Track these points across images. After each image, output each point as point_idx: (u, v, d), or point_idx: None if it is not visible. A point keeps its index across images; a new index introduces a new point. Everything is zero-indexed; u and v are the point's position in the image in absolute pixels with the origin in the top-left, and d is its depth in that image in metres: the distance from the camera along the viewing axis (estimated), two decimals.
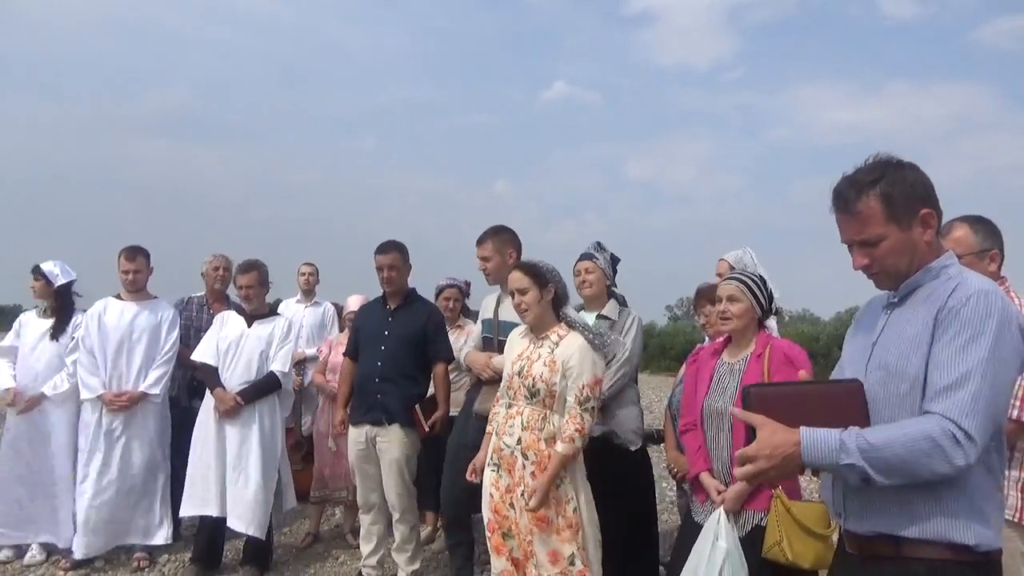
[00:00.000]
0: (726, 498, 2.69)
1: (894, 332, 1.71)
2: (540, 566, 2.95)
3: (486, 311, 3.92)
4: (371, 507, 4.13)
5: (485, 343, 3.85)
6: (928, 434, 1.50)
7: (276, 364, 4.32)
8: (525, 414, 3.02)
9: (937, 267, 1.69)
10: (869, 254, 1.70)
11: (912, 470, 1.52)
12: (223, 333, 4.37)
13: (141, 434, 4.43)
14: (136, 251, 4.58)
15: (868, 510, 1.65)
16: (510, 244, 3.85)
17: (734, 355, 2.90)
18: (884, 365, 1.68)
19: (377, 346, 4.08)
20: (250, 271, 4.37)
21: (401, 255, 4.13)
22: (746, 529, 2.67)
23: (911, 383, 1.61)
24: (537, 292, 3.09)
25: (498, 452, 3.09)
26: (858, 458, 1.52)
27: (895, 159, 1.71)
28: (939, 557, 1.58)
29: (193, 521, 4.57)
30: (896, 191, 1.66)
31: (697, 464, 2.87)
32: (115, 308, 4.55)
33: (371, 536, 4.16)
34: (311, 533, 5.00)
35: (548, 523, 2.94)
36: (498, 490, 3.08)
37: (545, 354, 3.05)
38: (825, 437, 1.56)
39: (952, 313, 1.58)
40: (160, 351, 4.54)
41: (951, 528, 1.57)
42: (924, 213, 1.67)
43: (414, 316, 4.10)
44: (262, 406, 4.29)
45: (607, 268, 3.83)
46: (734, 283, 2.92)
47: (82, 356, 4.44)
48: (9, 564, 4.42)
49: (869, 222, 1.67)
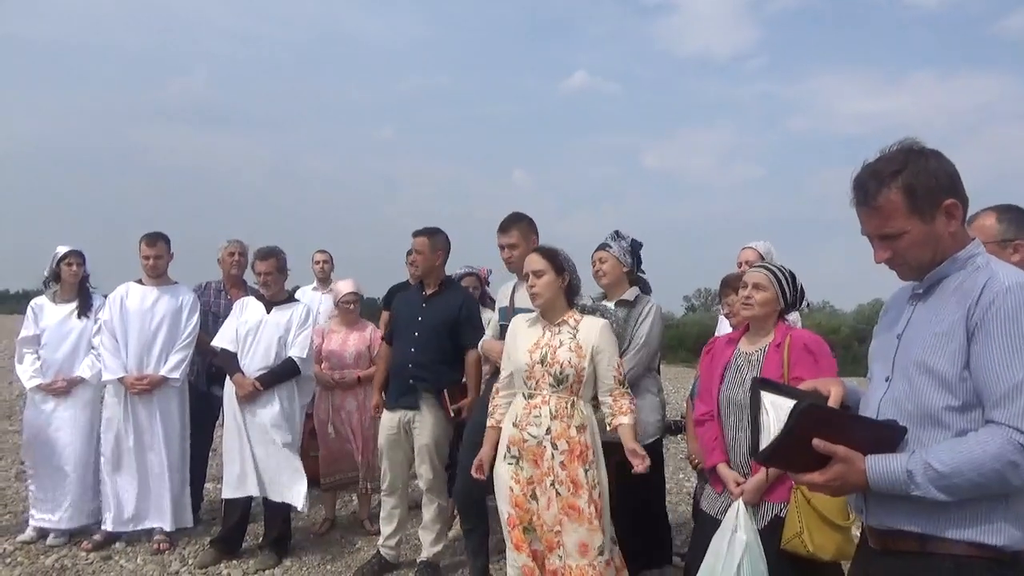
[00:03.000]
0: (745, 490, 2.67)
1: (920, 326, 1.66)
2: (568, 556, 2.91)
3: (503, 299, 3.92)
4: (394, 491, 4.22)
5: (502, 330, 3.84)
6: (998, 454, 1.46)
7: (295, 350, 4.35)
8: (552, 403, 3.00)
9: (963, 257, 1.64)
10: (891, 247, 1.65)
11: (985, 491, 1.50)
12: (243, 319, 4.40)
13: (162, 418, 4.48)
14: (157, 237, 4.62)
15: (892, 508, 1.61)
16: (533, 232, 3.84)
17: (752, 344, 2.87)
18: (910, 359, 1.64)
19: (411, 332, 4.13)
20: (268, 258, 4.40)
21: (430, 241, 4.12)
22: (765, 520, 2.65)
23: (939, 380, 1.57)
24: (553, 276, 3.07)
25: (518, 444, 3.05)
26: (928, 489, 1.50)
27: (918, 146, 1.65)
28: (966, 554, 1.54)
29: (214, 505, 4.61)
30: (919, 182, 1.59)
31: (714, 455, 2.84)
32: (136, 293, 4.60)
33: (392, 519, 4.23)
34: (328, 519, 5.04)
35: (579, 512, 2.91)
36: (518, 483, 3.04)
37: (567, 340, 3.03)
38: (891, 468, 1.55)
39: (990, 312, 1.52)
40: (181, 336, 4.58)
41: (981, 530, 1.53)
42: (948, 204, 1.61)
43: (448, 303, 4.13)
44: (281, 391, 4.32)
45: (623, 256, 3.78)
46: (763, 271, 2.89)
47: (105, 338, 4.49)
48: (33, 544, 4.49)
49: (891, 216, 1.62)
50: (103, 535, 4.48)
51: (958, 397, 1.55)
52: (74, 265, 4.68)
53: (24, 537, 4.55)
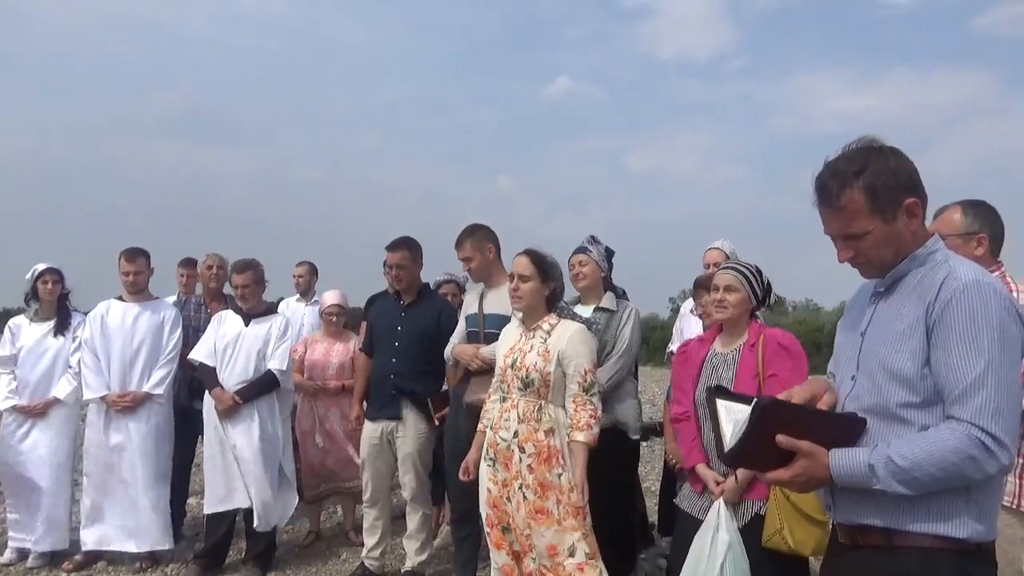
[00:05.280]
0: (725, 489, 2.69)
1: (882, 324, 1.68)
2: (539, 558, 2.95)
3: (470, 307, 3.93)
4: (376, 502, 4.20)
5: (470, 337, 3.84)
6: (957, 448, 1.48)
7: (274, 362, 4.33)
8: (520, 407, 3.02)
9: (923, 254, 1.66)
10: (854, 247, 1.67)
11: (944, 484, 1.52)
12: (220, 332, 4.38)
13: (145, 436, 4.41)
14: (136, 252, 4.57)
15: (858, 503, 1.63)
16: (488, 240, 3.88)
17: (727, 345, 2.89)
18: (873, 357, 1.66)
19: (391, 342, 4.13)
20: (245, 270, 4.37)
21: (410, 253, 4.14)
22: (746, 519, 2.66)
23: (901, 377, 1.59)
24: (538, 284, 3.10)
25: (494, 447, 3.09)
26: (889, 482, 1.52)
27: (877, 144, 1.66)
28: (930, 546, 1.56)
29: (198, 520, 4.57)
30: (880, 182, 1.60)
31: (693, 455, 2.86)
32: (117, 310, 4.55)
33: (375, 529, 4.22)
34: (313, 531, 5.01)
35: (547, 515, 2.93)
36: (496, 485, 3.08)
37: (538, 344, 3.05)
38: (853, 462, 1.57)
39: (948, 309, 1.54)
40: (163, 351, 4.54)
41: (944, 524, 1.55)
42: (909, 203, 1.62)
43: (426, 311, 4.13)
44: (261, 404, 4.29)
45: (601, 261, 3.81)
46: (732, 273, 2.91)
47: (86, 356, 4.43)
48: (12, 566, 4.43)
49: (854, 216, 1.63)
50: (84, 556, 4.42)
51: (919, 394, 1.57)
52: (50, 283, 4.63)
53: (3, 559, 4.49)
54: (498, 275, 3.85)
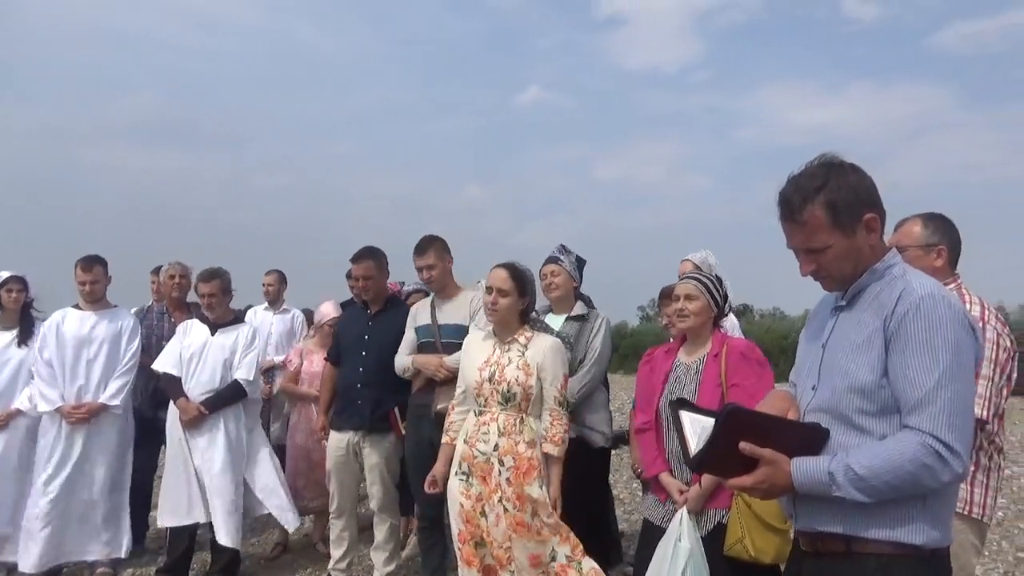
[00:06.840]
0: (688, 498, 2.72)
1: (842, 337, 1.73)
2: (520, 570, 2.94)
3: (421, 318, 3.91)
4: (343, 512, 4.18)
5: (425, 347, 3.84)
6: (912, 457, 1.52)
7: (240, 372, 4.27)
8: (500, 420, 3.02)
9: (881, 268, 1.71)
10: (815, 260, 1.72)
11: (901, 492, 1.56)
12: (186, 342, 4.31)
13: (102, 446, 4.33)
14: (93, 261, 4.49)
15: (818, 511, 1.67)
16: (446, 251, 3.92)
17: (691, 355, 2.93)
18: (833, 369, 1.71)
19: (358, 352, 4.10)
20: (212, 279, 4.32)
21: (376, 263, 4.13)
22: (708, 528, 2.69)
23: (860, 388, 1.63)
24: (516, 299, 3.11)
25: (468, 460, 3.06)
26: (849, 490, 1.57)
27: (838, 161, 1.72)
28: (888, 553, 1.61)
29: (161, 533, 4.48)
30: (840, 197, 1.66)
31: (656, 464, 2.89)
32: (74, 318, 4.46)
33: (342, 541, 4.18)
34: (280, 543, 4.95)
35: (527, 527, 2.93)
36: (469, 499, 3.05)
37: (516, 358, 3.06)
38: (814, 469, 1.61)
39: (904, 321, 1.59)
40: (120, 361, 4.45)
41: (901, 530, 1.59)
42: (868, 218, 1.68)
43: (394, 321, 4.10)
44: (227, 415, 4.23)
45: (573, 271, 3.85)
46: (691, 282, 2.96)
47: (40, 367, 4.32)
48: None
49: (815, 231, 1.68)
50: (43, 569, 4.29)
51: (877, 403, 1.62)
52: (14, 292, 4.52)
53: None
54: (451, 287, 3.90)
